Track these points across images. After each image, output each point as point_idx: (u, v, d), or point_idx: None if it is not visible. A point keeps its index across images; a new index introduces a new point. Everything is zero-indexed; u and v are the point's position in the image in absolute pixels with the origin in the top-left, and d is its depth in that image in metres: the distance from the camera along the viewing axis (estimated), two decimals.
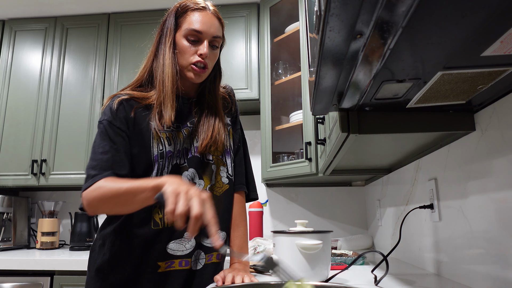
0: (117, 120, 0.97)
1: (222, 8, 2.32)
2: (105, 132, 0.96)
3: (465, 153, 0.94)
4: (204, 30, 1.00)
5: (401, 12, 0.44)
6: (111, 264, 0.99)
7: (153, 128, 0.99)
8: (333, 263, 1.31)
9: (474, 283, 0.90)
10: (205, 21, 1.01)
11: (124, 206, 0.89)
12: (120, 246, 0.99)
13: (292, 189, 2.38)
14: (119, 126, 0.97)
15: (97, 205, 0.90)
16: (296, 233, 0.99)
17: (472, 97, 0.78)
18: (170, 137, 1.01)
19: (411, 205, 1.37)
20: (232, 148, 1.13)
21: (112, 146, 0.95)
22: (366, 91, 0.72)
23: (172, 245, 0.99)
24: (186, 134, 1.04)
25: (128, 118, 0.99)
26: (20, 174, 2.28)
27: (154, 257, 0.98)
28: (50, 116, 2.33)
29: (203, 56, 1.00)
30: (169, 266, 0.99)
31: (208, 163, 1.06)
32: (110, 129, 0.96)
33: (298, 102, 2.21)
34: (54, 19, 2.50)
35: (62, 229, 2.51)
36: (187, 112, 1.07)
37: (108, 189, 0.88)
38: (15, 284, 1.78)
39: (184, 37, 1.01)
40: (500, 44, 0.53)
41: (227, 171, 1.09)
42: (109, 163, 0.93)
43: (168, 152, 1.00)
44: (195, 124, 1.06)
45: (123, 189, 0.85)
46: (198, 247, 1.02)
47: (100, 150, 0.94)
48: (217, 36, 1.03)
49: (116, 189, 0.87)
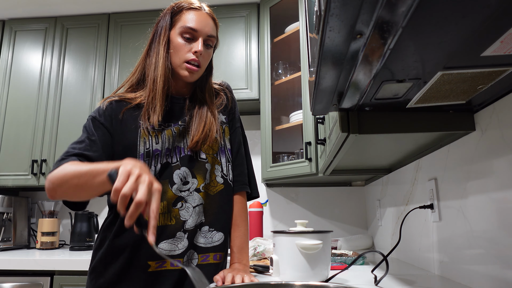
0: (102, 117, 1.01)
1: (222, 8, 2.32)
2: (87, 126, 1.00)
3: (465, 153, 0.94)
4: (199, 28, 1.02)
5: (401, 12, 0.44)
6: (103, 264, 0.99)
7: (141, 127, 1.00)
8: (333, 263, 1.31)
9: (474, 283, 0.90)
10: (200, 20, 1.03)
11: (83, 189, 0.85)
12: (112, 246, 0.99)
13: (292, 189, 2.38)
14: (102, 122, 1.00)
15: (56, 188, 0.87)
16: (296, 233, 0.99)
17: (472, 97, 0.78)
18: (159, 135, 1.01)
19: (411, 205, 1.37)
20: (228, 147, 1.12)
21: (88, 137, 0.98)
22: (366, 91, 0.72)
23: (163, 245, 0.98)
24: (176, 132, 1.03)
25: (113, 117, 1.01)
26: (20, 174, 2.28)
27: (144, 257, 0.98)
28: (50, 116, 2.33)
29: (197, 54, 1.01)
30: (160, 266, 0.98)
31: (201, 161, 1.05)
32: (92, 123, 1.00)
33: (298, 102, 2.22)
34: (54, 19, 2.50)
35: (62, 229, 2.51)
36: (179, 112, 1.07)
37: (69, 170, 0.85)
38: (15, 284, 1.78)
39: (179, 35, 1.02)
40: (500, 44, 0.53)
41: (221, 171, 1.08)
42: (80, 150, 0.94)
43: (155, 151, 1.00)
44: (187, 122, 1.06)
45: (83, 170, 0.83)
46: (191, 247, 1.01)
47: (76, 140, 0.97)
48: (211, 35, 1.04)
49: (77, 171, 0.84)
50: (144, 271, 0.97)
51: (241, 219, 1.10)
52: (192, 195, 1.02)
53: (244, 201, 1.14)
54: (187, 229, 1.01)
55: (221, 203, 1.07)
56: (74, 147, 0.95)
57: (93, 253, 1.04)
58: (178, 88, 1.08)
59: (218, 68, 2.23)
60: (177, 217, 1.00)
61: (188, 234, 1.01)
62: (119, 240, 0.99)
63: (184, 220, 1.01)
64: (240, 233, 1.09)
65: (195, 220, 1.01)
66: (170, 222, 0.99)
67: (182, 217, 1.00)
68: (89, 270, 1.02)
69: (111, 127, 1.00)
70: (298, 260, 0.97)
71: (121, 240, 0.99)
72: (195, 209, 1.01)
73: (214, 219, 1.05)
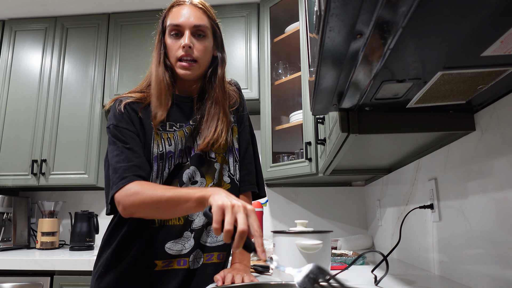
0: (123, 122, 0.98)
1: (222, 8, 2.33)
2: (114, 136, 0.98)
3: (465, 153, 0.94)
4: (182, 22, 1.01)
5: (401, 12, 0.44)
6: (110, 263, 0.99)
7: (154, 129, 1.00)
8: (333, 263, 1.31)
9: (474, 283, 0.90)
10: (183, 14, 1.01)
11: (165, 213, 0.90)
12: (119, 245, 0.99)
13: (292, 189, 2.38)
14: (125, 127, 0.98)
15: (135, 211, 0.90)
16: (296, 233, 0.99)
17: (472, 97, 0.78)
18: (172, 137, 1.01)
19: (411, 205, 1.37)
20: (236, 147, 1.11)
21: (124, 146, 0.96)
22: (366, 91, 0.72)
23: (171, 245, 0.99)
24: (188, 133, 1.03)
25: (133, 118, 1.00)
26: (20, 174, 2.28)
27: (151, 256, 0.98)
28: (50, 116, 2.33)
29: (186, 48, 0.99)
30: (167, 265, 0.99)
31: (210, 161, 1.05)
32: (117, 131, 0.97)
33: (298, 102, 2.22)
34: (54, 19, 2.50)
35: (62, 229, 2.51)
36: (189, 111, 1.06)
37: (149, 196, 0.87)
38: (15, 284, 1.78)
39: (168, 35, 1.03)
40: (500, 44, 0.53)
41: (228, 170, 1.08)
42: (129, 162, 0.93)
43: (168, 153, 1.00)
44: (198, 121, 1.05)
45: (165, 197, 0.85)
46: (197, 246, 1.02)
47: (115, 153, 0.95)
48: (198, 25, 1.01)
49: (157, 197, 0.86)
50: (151, 270, 0.98)
51: None
52: None
53: (249, 201, 1.14)
54: (194, 228, 1.01)
55: None
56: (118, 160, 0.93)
57: (98, 252, 1.04)
58: (184, 87, 1.07)
59: None
60: (185, 217, 1.01)
61: (195, 233, 1.01)
62: (127, 240, 0.99)
63: (192, 219, 1.01)
64: None
65: (202, 220, 1.02)
66: (178, 222, 1.00)
67: (190, 217, 1.01)
68: (94, 269, 1.02)
69: (135, 129, 0.99)
70: (298, 260, 0.97)
71: (129, 240, 0.99)
72: None
73: None
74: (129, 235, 0.99)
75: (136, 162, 0.94)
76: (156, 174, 0.99)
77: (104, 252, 1.02)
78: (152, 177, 0.98)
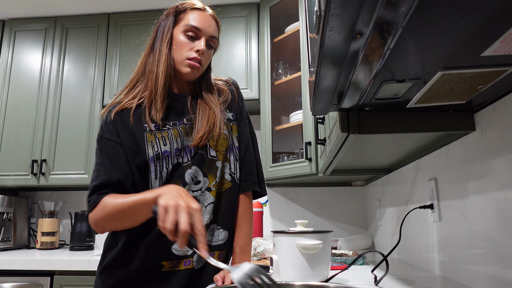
0: (106, 133, 1.01)
1: (222, 8, 2.32)
2: (97, 148, 1.02)
3: (465, 153, 0.94)
4: (203, 28, 1.04)
5: (401, 12, 0.44)
6: (116, 264, 0.99)
7: (146, 130, 1.00)
8: (333, 263, 1.31)
9: (474, 283, 0.90)
10: (204, 20, 1.05)
11: (130, 220, 0.92)
12: (126, 246, 0.99)
13: (292, 189, 2.38)
14: (108, 137, 1.01)
15: (104, 225, 0.94)
16: (296, 233, 0.99)
17: (472, 97, 0.78)
18: (166, 136, 1.01)
19: (411, 205, 1.37)
20: (236, 145, 1.11)
21: (98, 161, 1.00)
22: (366, 91, 0.72)
23: (176, 245, 0.99)
24: (182, 132, 1.03)
25: (119, 128, 1.01)
26: (20, 174, 2.28)
27: (158, 257, 0.98)
28: (50, 116, 2.33)
29: (199, 53, 1.02)
30: (174, 266, 0.99)
31: (212, 159, 1.05)
32: (99, 143, 1.02)
33: (298, 102, 2.22)
34: (54, 19, 2.50)
35: (62, 229, 2.51)
36: (181, 110, 1.07)
37: (112, 207, 0.91)
38: (15, 284, 1.78)
39: (182, 33, 1.04)
40: (500, 44, 0.53)
41: (229, 168, 1.08)
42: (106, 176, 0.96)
43: (165, 153, 1.00)
44: (192, 119, 1.06)
45: (126, 205, 0.89)
46: None
47: (97, 167, 0.99)
48: (213, 36, 1.06)
49: (119, 206, 0.90)
50: (158, 271, 0.98)
51: (244, 219, 1.09)
52: (204, 194, 1.02)
53: (250, 201, 1.13)
54: None
55: (228, 201, 1.07)
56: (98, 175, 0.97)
57: (103, 252, 1.04)
58: (180, 86, 1.09)
59: (218, 68, 2.24)
60: None
61: None
62: (133, 241, 0.99)
63: None
64: (243, 233, 1.08)
65: (206, 219, 1.02)
66: None
67: None
68: (99, 269, 1.02)
69: (118, 139, 1.00)
70: (298, 260, 0.97)
71: (136, 241, 0.99)
72: (206, 208, 1.02)
73: (221, 217, 1.05)
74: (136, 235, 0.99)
75: (102, 180, 0.96)
76: (154, 175, 0.98)
77: (110, 253, 1.01)
78: (151, 178, 0.98)
